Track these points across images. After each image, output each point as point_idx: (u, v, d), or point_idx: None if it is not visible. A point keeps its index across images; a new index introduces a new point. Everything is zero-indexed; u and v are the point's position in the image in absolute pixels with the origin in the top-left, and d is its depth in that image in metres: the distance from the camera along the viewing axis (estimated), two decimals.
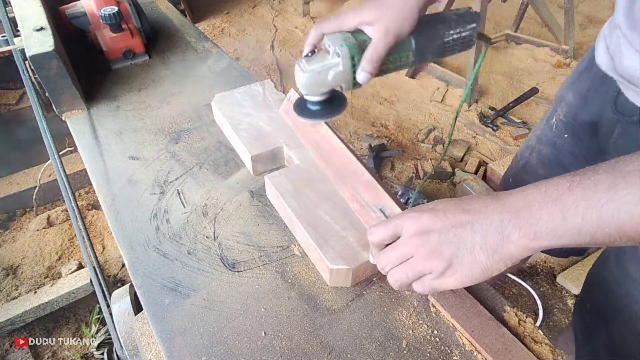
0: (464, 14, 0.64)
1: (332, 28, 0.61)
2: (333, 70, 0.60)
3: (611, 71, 0.66)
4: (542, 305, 1.47)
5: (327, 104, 0.66)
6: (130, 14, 1.06)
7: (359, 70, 0.59)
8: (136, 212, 0.71)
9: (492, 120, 2.26)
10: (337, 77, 0.61)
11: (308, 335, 0.55)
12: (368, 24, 0.58)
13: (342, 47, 0.58)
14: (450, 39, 0.63)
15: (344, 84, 0.62)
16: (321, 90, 0.63)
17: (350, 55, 0.59)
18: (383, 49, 0.57)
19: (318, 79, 0.60)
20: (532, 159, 0.92)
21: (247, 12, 3.44)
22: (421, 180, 1.99)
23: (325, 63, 0.60)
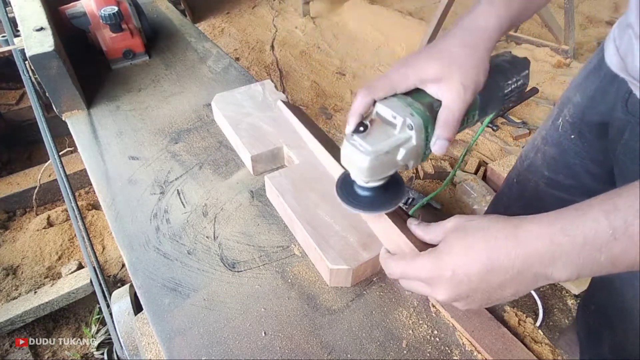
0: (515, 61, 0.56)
1: (386, 91, 0.50)
2: (404, 147, 0.48)
3: (622, 72, 0.65)
4: (542, 305, 1.47)
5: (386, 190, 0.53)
6: (130, 14, 1.06)
7: (435, 140, 0.49)
8: (136, 212, 0.71)
9: (492, 120, 2.26)
10: (408, 155, 0.49)
11: (308, 335, 0.55)
12: (434, 81, 0.48)
13: (412, 116, 0.47)
14: (509, 89, 0.55)
15: (413, 160, 0.50)
16: (387, 174, 0.51)
17: (423, 125, 0.47)
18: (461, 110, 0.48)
19: (385, 160, 0.48)
20: (537, 160, 0.91)
21: (247, 12, 3.44)
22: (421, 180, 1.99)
23: (393, 140, 0.48)
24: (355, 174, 0.51)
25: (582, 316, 1.04)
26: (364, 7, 3.28)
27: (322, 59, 2.88)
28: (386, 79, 0.50)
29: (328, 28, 3.23)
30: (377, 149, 0.47)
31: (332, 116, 2.39)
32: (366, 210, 0.53)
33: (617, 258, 0.36)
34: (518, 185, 0.98)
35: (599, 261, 0.37)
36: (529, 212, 1.05)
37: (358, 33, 3.12)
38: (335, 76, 2.72)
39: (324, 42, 3.06)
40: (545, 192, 0.91)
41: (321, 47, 3.00)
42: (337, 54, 2.94)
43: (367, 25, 3.13)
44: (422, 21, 3.04)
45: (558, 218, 0.39)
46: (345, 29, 3.20)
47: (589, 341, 0.98)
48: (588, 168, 0.81)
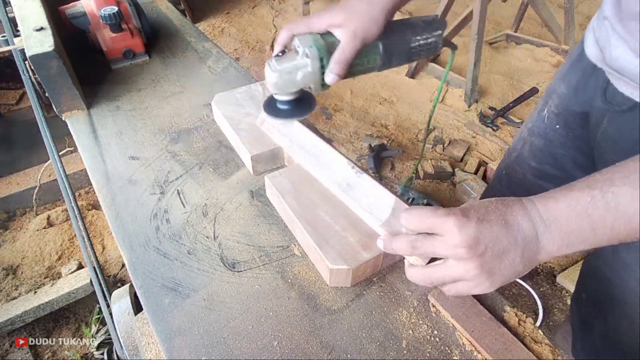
0: (431, 20, 0.66)
1: (303, 29, 0.63)
2: (302, 70, 0.62)
3: (600, 62, 0.67)
4: (542, 305, 1.47)
5: (297, 104, 0.68)
6: (130, 14, 1.06)
7: (327, 72, 0.61)
8: (136, 212, 0.71)
9: (492, 120, 2.26)
10: (306, 78, 0.62)
11: (308, 335, 0.55)
12: (337, 26, 0.60)
13: (311, 48, 0.60)
14: (417, 44, 0.65)
15: (312, 84, 0.63)
16: (291, 90, 0.65)
17: (319, 56, 0.60)
18: (351, 52, 0.60)
19: (287, 78, 0.62)
20: (524, 151, 0.93)
21: (247, 12, 3.44)
22: (421, 180, 1.99)
23: (294, 63, 0.62)
24: (269, 87, 0.65)
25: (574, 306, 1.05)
26: None
27: None
28: (306, 20, 0.63)
29: None
30: (281, 68, 0.61)
31: (332, 116, 2.39)
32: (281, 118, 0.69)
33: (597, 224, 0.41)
34: (507, 177, 1.00)
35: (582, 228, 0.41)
36: None
37: None
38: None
39: None
40: (532, 182, 0.92)
41: None
42: None
43: None
44: None
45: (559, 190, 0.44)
46: None
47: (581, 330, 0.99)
48: (573, 158, 0.83)
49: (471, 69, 2.27)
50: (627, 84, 0.62)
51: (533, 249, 0.43)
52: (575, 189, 0.43)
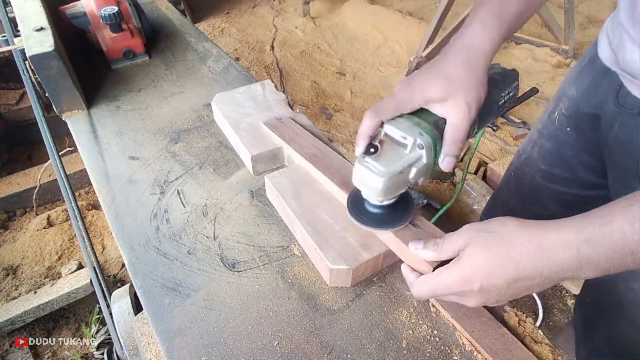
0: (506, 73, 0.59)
1: (393, 112, 0.51)
2: (416, 166, 0.50)
3: (614, 65, 0.67)
4: (542, 305, 1.47)
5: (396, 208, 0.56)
6: (130, 14, 1.06)
7: (443, 157, 0.51)
8: (136, 212, 0.71)
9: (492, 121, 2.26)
10: (419, 173, 0.51)
11: (308, 335, 0.55)
12: (439, 101, 0.51)
13: (422, 136, 0.49)
14: (503, 101, 0.58)
15: (422, 177, 0.52)
16: (399, 192, 0.53)
17: (433, 144, 0.50)
18: (467, 127, 0.50)
19: (398, 180, 0.50)
20: (533, 153, 0.93)
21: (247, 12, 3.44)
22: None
23: (405, 160, 0.50)
24: (368, 194, 0.52)
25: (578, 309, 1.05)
26: (364, 7, 3.28)
27: (322, 59, 2.88)
28: (392, 100, 0.51)
29: (328, 28, 3.23)
30: (391, 169, 0.49)
31: (332, 116, 2.39)
32: (377, 228, 0.55)
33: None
34: (515, 179, 1.00)
35: (625, 263, 0.39)
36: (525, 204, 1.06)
37: (358, 33, 3.12)
38: (335, 76, 2.72)
39: (324, 42, 3.06)
40: (541, 185, 0.92)
41: (321, 47, 3.00)
42: (337, 54, 2.94)
43: (367, 25, 3.13)
44: (422, 21, 3.04)
45: (583, 227, 0.40)
46: (345, 29, 3.20)
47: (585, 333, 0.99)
48: (583, 160, 0.83)
49: None
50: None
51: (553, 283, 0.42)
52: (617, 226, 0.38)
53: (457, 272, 0.45)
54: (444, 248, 0.47)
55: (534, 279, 0.41)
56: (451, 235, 0.47)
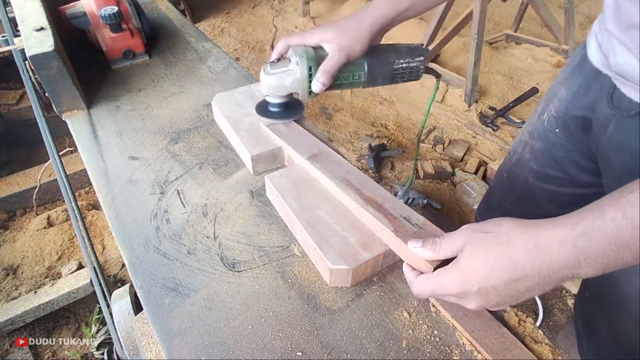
0: (415, 48, 0.73)
1: (298, 41, 0.71)
2: (292, 76, 0.69)
3: (605, 68, 0.67)
4: (542, 305, 1.47)
5: (286, 108, 0.76)
6: (130, 14, 1.06)
7: (314, 80, 0.69)
8: (136, 212, 0.71)
9: (492, 120, 2.26)
10: (294, 84, 0.70)
11: (308, 335, 0.55)
12: (327, 41, 0.68)
13: (301, 57, 0.68)
14: (400, 67, 0.72)
15: (300, 90, 0.71)
16: (281, 94, 0.72)
17: (307, 65, 0.68)
18: (336, 64, 0.67)
19: (278, 82, 0.70)
20: (525, 154, 0.93)
21: (247, 12, 3.44)
22: (421, 180, 1.99)
23: (285, 70, 0.70)
24: (262, 89, 0.73)
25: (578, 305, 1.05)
26: None
27: None
28: (302, 34, 0.71)
29: None
30: (274, 72, 0.70)
31: (332, 116, 2.39)
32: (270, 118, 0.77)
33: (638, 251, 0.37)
34: (508, 180, 1.00)
35: (623, 256, 0.38)
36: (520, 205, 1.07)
37: None
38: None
39: None
40: (534, 185, 0.93)
41: None
42: None
43: None
44: (422, 21, 3.04)
45: (577, 222, 0.40)
46: None
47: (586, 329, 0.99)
48: (574, 160, 0.83)
49: (471, 68, 2.28)
50: (634, 89, 0.62)
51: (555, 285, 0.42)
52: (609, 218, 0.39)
53: (455, 273, 0.45)
54: (442, 247, 0.47)
55: (533, 278, 0.41)
56: (450, 235, 0.48)
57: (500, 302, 0.44)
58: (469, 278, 0.43)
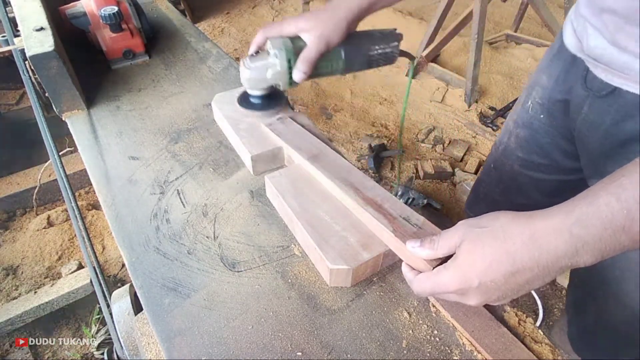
0: (388, 33, 0.75)
1: (275, 33, 0.71)
2: (272, 69, 0.70)
3: (579, 52, 0.71)
4: (542, 305, 1.47)
5: (267, 100, 0.77)
6: (130, 14, 1.06)
7: (294, 70, 0.69)
8: (136, 212, 0.71)
9: (492, 120, 2.27)
10: (275, 76, 0.71)
11: (308, 335, 0.55)
12: (305, 31, 0.69)
13: (280, 50, 0.68)
14: (375, 53, 0.74)
15: (281, 82, 0.72)
16: (261, 86, 0.74)
17: (286, 57, 0.69)
18: (315, 52, 0.68)
19: (258, 75, 0.71)
20: (510, 143, 0.95)
21: (247, 12, 3.44)
22: (421, 180, 1.99)
23: (265, 62, 0.70)
24: (243, 83, 0.74)
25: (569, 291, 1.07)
26: None
27: None
28: (278, 24, 0.71)
29: None
30: (253, 65, 0.70)
31: (332, 116, 2.39)
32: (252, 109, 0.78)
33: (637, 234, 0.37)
34: (495, 171, 1.01)
35: (621, 241, 0.38)
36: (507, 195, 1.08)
37: None
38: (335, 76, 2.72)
39: None
40: (520, 173, 0.94)
41: None
42: None
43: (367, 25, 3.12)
44: (422, 21, 3.04)
45: (571, 210, 0.39)
46: None
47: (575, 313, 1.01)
48: (559, 145, 0.85)
49: (471, 68, 2.28)
50: (605, 70, 0.65)
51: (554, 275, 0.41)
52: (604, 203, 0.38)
53: (454, 270, 0.45)
54: (440, 245, 0.47)
55: (532, 270, 0.41)
56: (447, 232, 0.48)
57: (501, 297, 0.44)
58: (468, 274, 0.43)
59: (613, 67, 0.63)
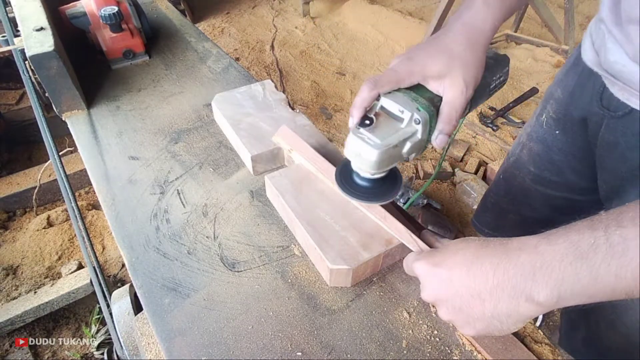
0: (499, 58, 0.60)
1: (391, 86, 0.51)
2: (410, 140, 0.50)
3: (596, 67, 0.66)
4: None
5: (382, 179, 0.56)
6: (130, 14, 1.06)
7: (437, 134, 0.51)
8: (136, 212, 0.71)
9: (492, 120, 2.26)
10: (413, 148, 0.51)
11: (308, 335, 0.55)
12: (437, 77, 0.50)
13: (419, 111, 0.49)
14: (494, 85, 0.59)
15: (415, 153, 0.52)
16: (391, 166, 0.53)
17: (429, 121, 0.50)
18: (462, 106, 0.50)
19: (392, 153, 0.50)
20: (522, 156, 0.93)
21: (247, 12, 3.44)
22: (421, 179, 1.99)
23: (400, 134, 0.49)
24: (360, 166, 0.52)
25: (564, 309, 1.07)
26: (364, 7, 3.28)
27: (322, 59, 2.88)
28: (392, 73, 0.51)
29: (328, 28, 3.23)
30: (386, 142, 0.48)
31: (332, 116, 2.39)
32: (367, 201, 0.56)
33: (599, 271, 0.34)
34: (505, 181, 1.00)
35: (580, 276, 0.35)
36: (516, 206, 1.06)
37: (358, 33, 3.13)
38: (335, 76, 2.72)
39: (324, 42, 3.06)
40: (530, 187, 0.93)
41: (321, 47, 3.00)
42: (337, 54, 2.94)
43: (367, 25, 3.13)
44: (422, 21, 3.04)
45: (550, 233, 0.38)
46: (345, 29, 3.20)
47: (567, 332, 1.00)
48: (571, 165, 0.83)
49: None
50: (623, 89, 0.60)
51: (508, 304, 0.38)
52: (574, 229, 0.36)
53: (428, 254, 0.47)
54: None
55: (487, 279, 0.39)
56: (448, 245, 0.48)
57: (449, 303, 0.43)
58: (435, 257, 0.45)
59: (631, 86, 0.58)
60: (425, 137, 0.51)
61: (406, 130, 0.50)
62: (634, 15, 0.52)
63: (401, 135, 0.49)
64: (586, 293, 0.35)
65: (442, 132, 0.51)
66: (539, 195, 0.91)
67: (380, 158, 0.49)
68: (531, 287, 0.37)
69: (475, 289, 0.40)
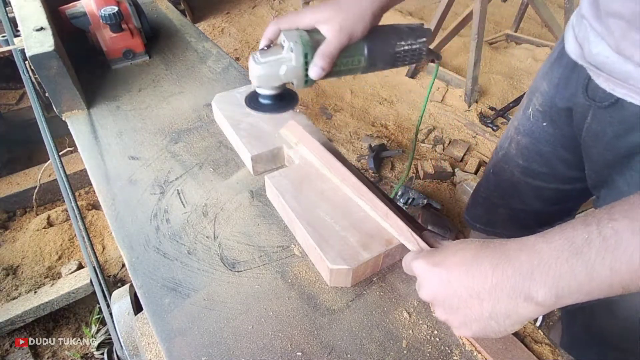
0: (416, 28, 0.66)
1: (290, 24, 0.63)
2: (286, 64, 0.62)
3: (581, 59, 0.68)
4: None
5: (279, 100, 0.68)
6: (130, 14, 1.06)
7: (311, 66, 0.61)
8: (136, 212, 0.71)
9: (492, 120, 2.26)
10: (289, 72, 0.62)
11: (308, 335, 0.55)
12: (323, 22, 0.60)
13: (296, 43, 0.60)
14: (401, 49, 0.65)
15: (295, 79, 0.63)
16: (273, 84, 0.65)
17: (303, 51, 0.60)
18: (336, 46, 0.60)
19: (270, 72, 0.62)
20: (511, 149, 0.94)
21: (247, 12, 3.44)
22: (421, 180, 1.99)
23: (278, 57, 0.62)
24: (252, 80, 0.65)
25: None
26: None
27: None
28: (292, 15, 0.63)
29: None
30: (265, 61, 0.62)
31: (332, 116, 2.39)
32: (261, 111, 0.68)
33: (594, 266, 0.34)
34: (494, 176, 1.01)
35: (576, 272, 0.35)
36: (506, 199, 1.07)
37: None
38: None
39: None
40: (520, 180, 0.94)
41: None
42: None
43: None
44: (422, 21, 3.04)
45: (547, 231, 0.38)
46: None
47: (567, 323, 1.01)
48: (560, 155, 0.84)
49: (471, 68, 2.27)
50: (608, 80, 0.62)
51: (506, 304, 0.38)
52: (570, 226, 0.37)
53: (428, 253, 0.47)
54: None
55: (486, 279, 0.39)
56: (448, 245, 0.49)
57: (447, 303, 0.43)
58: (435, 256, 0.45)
59: (615, 77, 0.60)
60: (301, 66, 0.61)
61: (284, 55, 0.62)
62: (611, 9, 0.55)
63: (279, 58, 0.62)
64: (583, 290, 0.35)
65: (315, 64, 0.60)
66: (529, 188, 0.92)
67: (260, 73, 0.62)
68: (529, 287, 0.37)
69: (474, 288, 0.40)
